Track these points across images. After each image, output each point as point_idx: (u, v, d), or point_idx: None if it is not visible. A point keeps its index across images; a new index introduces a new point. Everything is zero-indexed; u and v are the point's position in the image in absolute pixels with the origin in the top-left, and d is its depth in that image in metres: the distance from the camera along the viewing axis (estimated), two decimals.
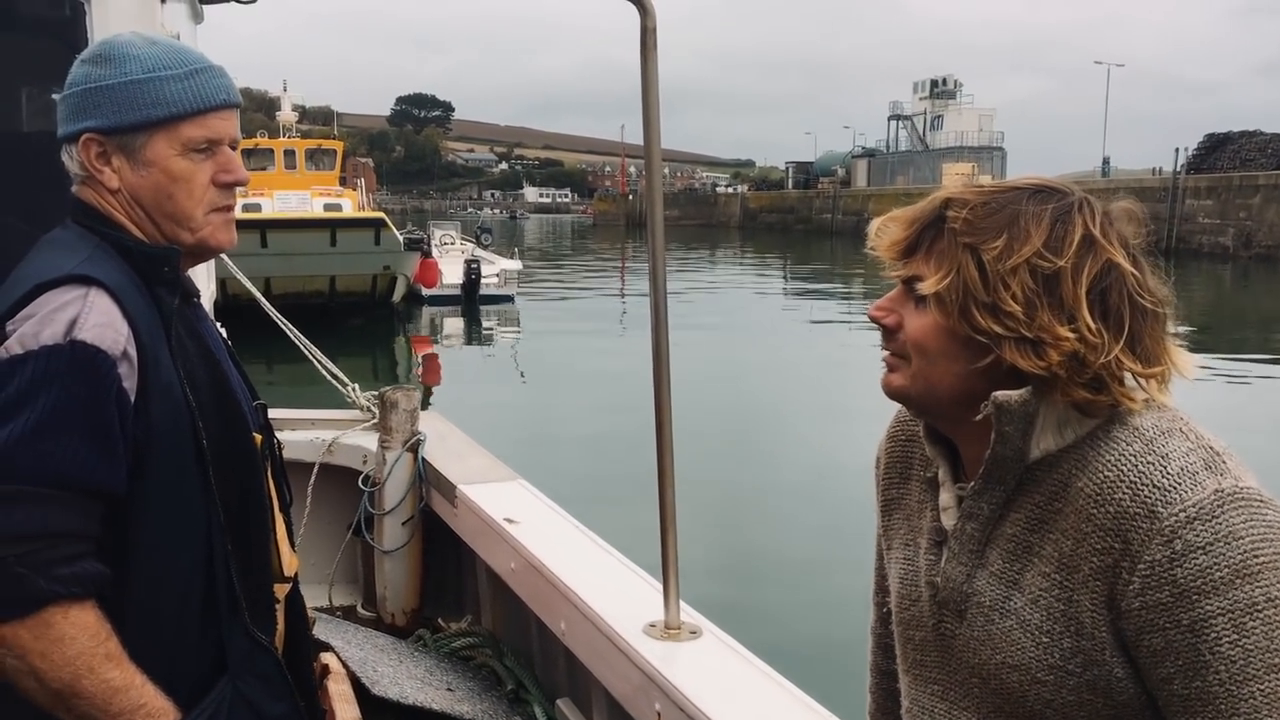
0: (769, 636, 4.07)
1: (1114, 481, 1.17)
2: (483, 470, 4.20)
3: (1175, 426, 1.21)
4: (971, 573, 1.29)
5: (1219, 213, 46.90)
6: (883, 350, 1.32)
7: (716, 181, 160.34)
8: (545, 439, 12.92)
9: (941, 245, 1.25)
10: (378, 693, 3.36)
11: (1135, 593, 1.15)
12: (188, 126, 1.58)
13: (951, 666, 1.33)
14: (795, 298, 34.91)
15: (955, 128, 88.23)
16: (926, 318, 1.26)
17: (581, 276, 41.72)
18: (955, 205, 1.25)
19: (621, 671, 2.70)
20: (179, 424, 1.52)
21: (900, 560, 1.43)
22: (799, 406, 15.42)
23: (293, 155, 30.84)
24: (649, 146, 2.71)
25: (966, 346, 1.23)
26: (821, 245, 67.55)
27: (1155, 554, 1.13)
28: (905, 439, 1.48)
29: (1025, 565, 1.24)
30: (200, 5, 3.63)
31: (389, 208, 59.46)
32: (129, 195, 1.60)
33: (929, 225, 1.27)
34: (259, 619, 1.62)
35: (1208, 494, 1.14)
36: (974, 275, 1.20)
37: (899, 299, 1.30)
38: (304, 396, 6.40)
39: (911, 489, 1.45)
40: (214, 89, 1.61)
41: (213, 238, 1.64)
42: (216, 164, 1.62)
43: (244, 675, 1.59)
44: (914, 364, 1.27)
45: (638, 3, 2.62)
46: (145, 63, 1.57)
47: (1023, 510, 1.26)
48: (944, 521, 1.34)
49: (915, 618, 1.38)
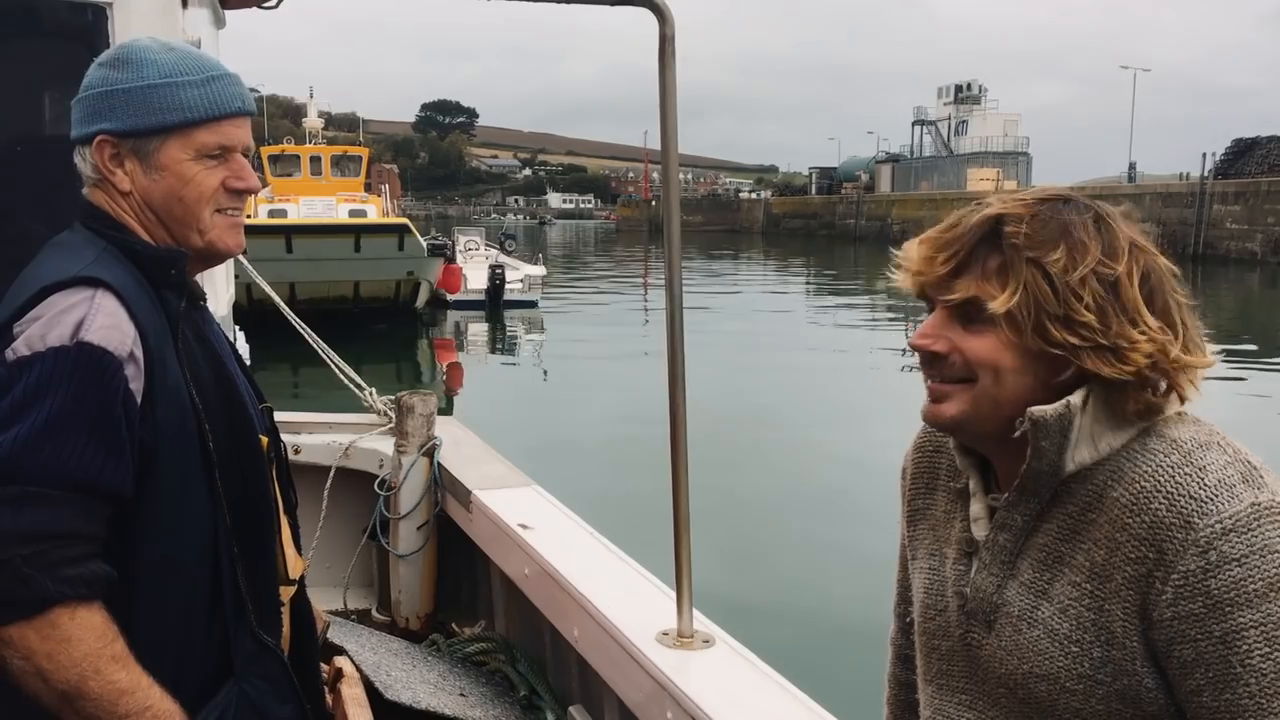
0: (782, 646, 4.04)
1: (1150, 492, 1.17)
2: (498, 476, 4.21)
3: (1213, 440, 1.21)
4: (1002, 583, 1.29)
5: (1247, 218, 46.38)
6: (927, 380, 1.29)
7: (740, 187, 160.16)
8: (562, 445, 12.93)
9: (996, 262, 1.22)
10: (391, 697, 3.36)
11: (1168, 603, 1.15)
12: (202, 132, 1.59)
13: (978, 677, 1.32)
14: (817, 305, 34.82)
15: (980, 133, 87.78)
16: (988, 338, 1.23)
17: (605, 282, 41.79)
18: (1011, 220, 1.23)
19: (634, 679, 2.69)
20: (185, 426, 1.53)
21: (926, 570, 1.43)
22: (817, 415, 15.36)
23: (318, 161, 31.09)
24: (666, 152, 2.72)
25: (1036, 361, 1.23)
26: (845, 251, 67.33)
27: (1189, 564, 1.13)
28: (933, 450, 1.47)
29: (1055, 575, 1.24)
30: (222, 10, 3.66)
31: (413, 214, 59.80)
32: (140, 198, 1.61)
33: (979, 242, 1.24)
34: (265, 621, 1.63)
35: (1244, 507, 1.14)
36: (1045, 289, 1.20)
37: (944, 323, 1.26)
38: (325, 400, 6.45)
39: (938, 500, 1.45)
40: (229, 96, 1.62)
41: (221, 241, 1.65)
42: (229, 170, 1.63)
43: (250, 677, 1.60)
44: (979, 385, 1.25)
45: (656, 10, 2.63)
46: (162, 68, 1.59)
47: (1055, 521, 1.26)
48: (975, 532, 1.34)
49: (941, 628, 1.37)
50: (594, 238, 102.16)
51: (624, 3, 2.65)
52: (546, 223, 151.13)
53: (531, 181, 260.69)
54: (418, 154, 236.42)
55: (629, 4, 2.65)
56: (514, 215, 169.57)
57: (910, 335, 1.31)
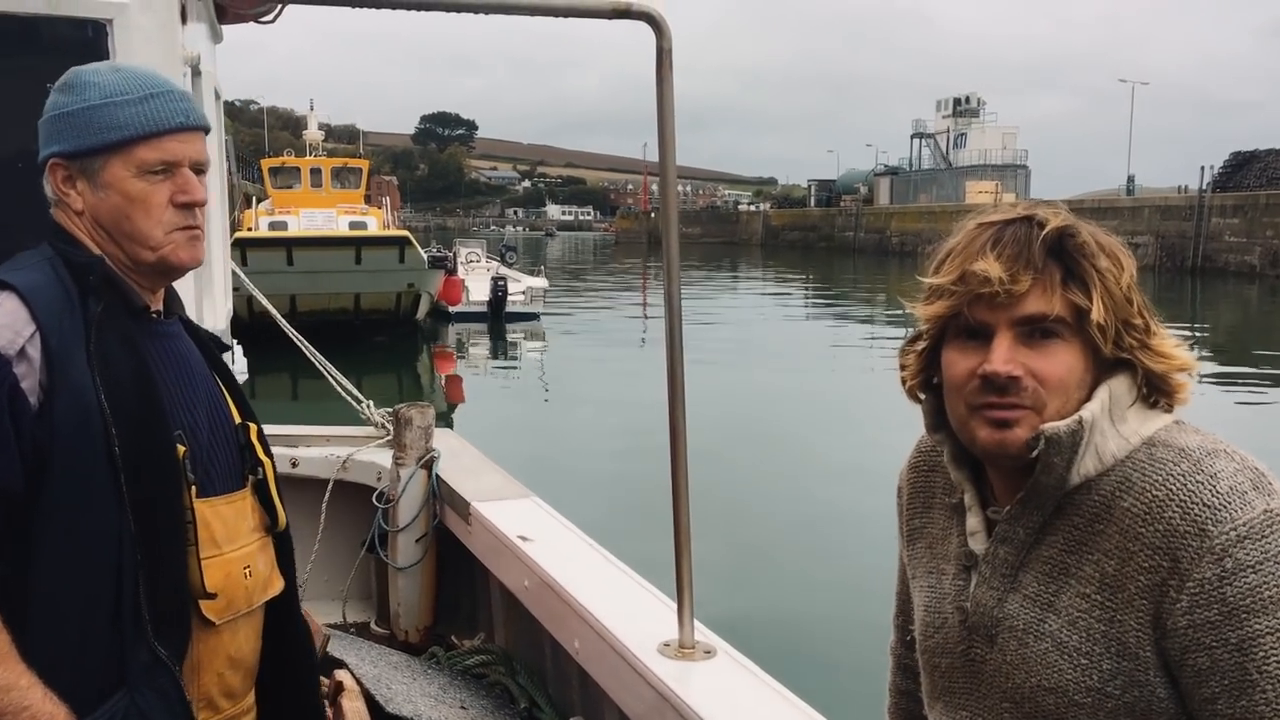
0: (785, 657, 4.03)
1: (1163, 500, 1.17)
2: (497, 487, 4.20)
3: (1220, 447, 1.22)
4: (1003, 597, 1.29)
5: (1245, 231, 46.43)
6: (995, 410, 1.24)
7: (739, 199, 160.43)
8: (563, 457, 12.93)
9: (1058, 275, 1.22)
10: (391, 710, 3.35)
11: (1183, 611, 1.14)
12: (142, 149, 1.62)
13: (980, 692, 1.32)
14: (817, 316, 34.83)
15: (979, 146, 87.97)
16: (1059, 355, 1.23)
17: (605, 295, 41.81)
18: (1073, 231, 1.24)
19: (635, 691, 2.69)
20: (88, 428, 1.52)
21: (925, 588, 1.42)
22: (817, 426, 15.35)
23: (319, 174, 31.13)
24: (664, 164, 2.72)
25: (1090, 371, 1.24)
26: (844, 263, 67.41)
27: (1205, 572, 1.13)
28: (928, 469, 1.47)
29: (1061, 587, 1.24)
30: (220, 25, 3.68)
31: (412, 225, 59.86)
32: (92, 216, 1.65)
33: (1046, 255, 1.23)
34: (164, 634, 1.59)
35: (1258, 513, 1.14)
36: (1116, 295, 1.23)
37: (1014, 345, 1.23)
38: (324, 413, 6.45)
39: (935, 517, 1.44)
40: (169, 112, 1.64)
41: (174, 255, 1.67)
42: (174, 185, 1.65)
43: (142, 689, 1.56)
44: (1052, 408, 1.23)
45: (653, 23, 2.64)
46: (103, 89, 1.63)
47: (1060, 533, 1.25)
48: (972, 546, 1.33)
49: (941, 644, 1.37)
50: (593, 250, 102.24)
51: (622, 16, 2.66)
52: (551, 235, 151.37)
53: (531, 193, 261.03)
54: (417, 166, 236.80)
55: (627, 18, 2.67)
56: (513, 227, 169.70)
57: (991, 363, 1.23)
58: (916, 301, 1.31)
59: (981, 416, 1.25)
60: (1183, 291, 41.01)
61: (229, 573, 1.69)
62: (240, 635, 1.73)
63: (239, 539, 1.73)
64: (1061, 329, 1.23)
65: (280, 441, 4.86)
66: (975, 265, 1.23)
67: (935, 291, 1.27)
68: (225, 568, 1.69)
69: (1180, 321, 29.51)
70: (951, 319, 1.27)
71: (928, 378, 1.35)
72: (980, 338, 1.25)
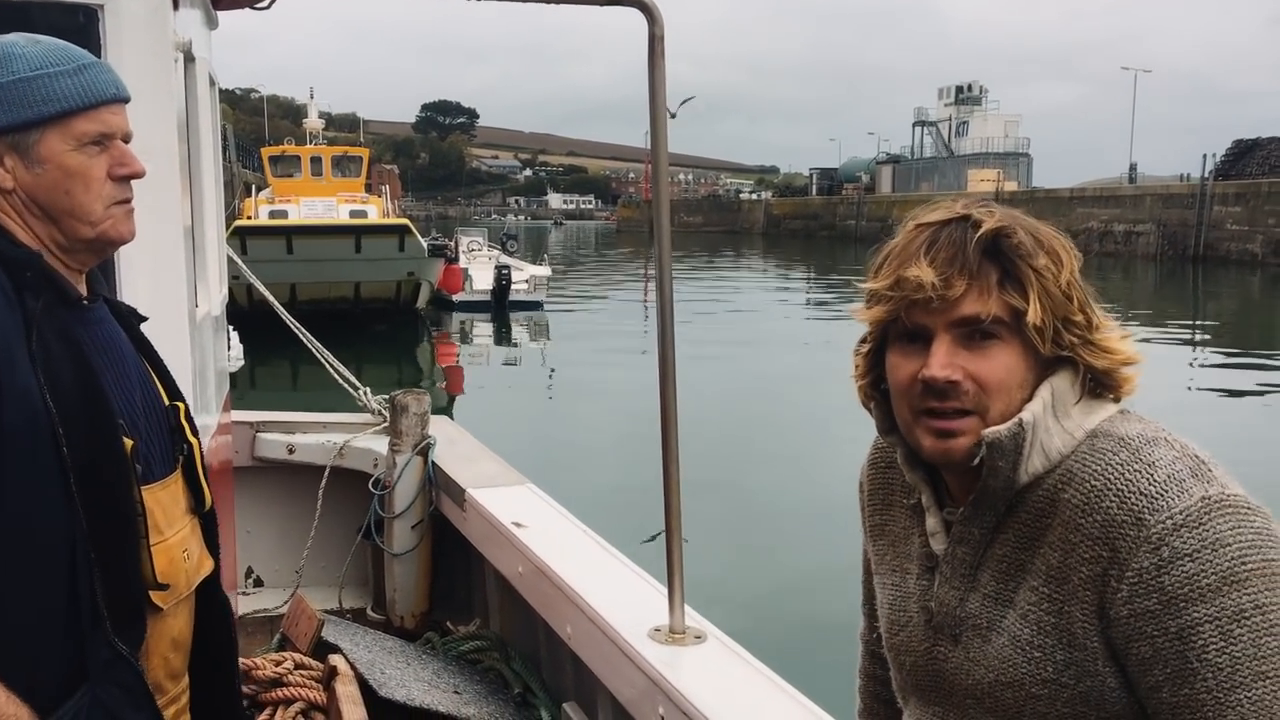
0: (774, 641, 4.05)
1: (1101, 490, 1.17)
2: (492, 474, 4.21)
3: (1160, 435, 1.22)
4: (964, 596, 1.29)
5: (1247, 219, 46.32)
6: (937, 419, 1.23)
7: (740, 188, 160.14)
8: (559, 444, 12.94)
9: (995, 275, 1.21)
10: (385, 695, 3.37)
11: (1124, 600, 1.14)
12: (80, 121, 1.57)
13: (944, 690, 1.32)
14: (815, 305, 34.79)
15: (981, 134, 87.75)
16: (998, 357, 1.22)
17: (606, 283, 41.79)
18: (1009, 231, 1.22)
19: (626, 676, 2.70)
20: (36, 429, 1.47)
21: (889, 586, 1.43)
22: (808, 412, 15.34)
23: (319, 162, 31.08)
24: (656, 150, 2.73)
25: (1032, 370, 1.24)
26: (845, 252, 67.27)
27: (1143, 561, 1.13)
28: (885, 465, 1.47)
29: (1018, 584, 1.24)
30: (214, 11, 3.67)
31: (413, 214, 59.75)
32: (25, 195, 1.58)
33: (981, 256, 1.21)
34: (122, 629, 1.56)
35: (1195, 501, 1.14)
36: (1054, 293, 1.21)
37: (953, 349, 1.22)
38: (322, 400, 6.46)
39: (895, 515, 1.44)
40: (103, 84, 1.60)
41: (114, 230, 1.62)
42: (111, 158, 1.60)
43: (104, 684, 1.54)
44: (994, 411, 1.22)
45: (645, 10, 2.63)
46: (31, 61, 1.56)
47: (1012, 530, 1.26)
48: (934, 546, 1.33)
49: (906, 643, 1.37)
50: (595, 238, 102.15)
51: (614, 2, 2.66)
52: (560, 223, 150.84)
53: (532, 182, 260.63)
54: (418, 154, 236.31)
55: (620, 4, 2.66)
56: (514, 216, 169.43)
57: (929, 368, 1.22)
58: (857, 308, 1.30)
59: (925, 425, 1.25)
60: (1184, 280, 40.96)
61: (172, 558, 1.67)
62: (181, 618, 1.72)
63: (175, 523, 1.70)
64: (1000, 330, 1.21)
65: (277, 428, 4.88)
66: (909, 271, 1.21)
67: (873, 296, 1.26)
68: (168, 553, 1.66)
69: (1182, 309, 29.50)
70: (891, 323, 1.26)
71: (874, 380, 1.34)
72: (920, 340, 1.24)
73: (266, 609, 4.64)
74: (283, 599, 4.57)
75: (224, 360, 4.05)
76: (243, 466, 4.65)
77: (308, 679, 3.54)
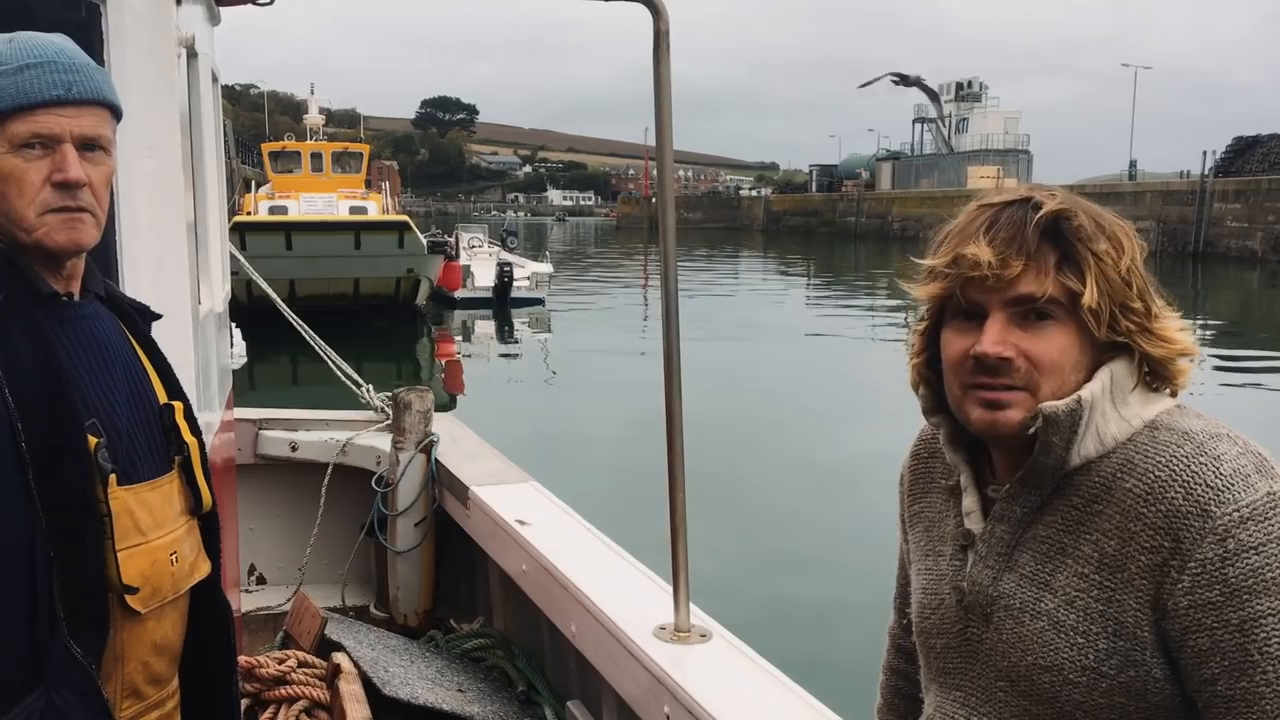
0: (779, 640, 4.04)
1: (1166, 481, 1.18)
2: (495, 472, 4.21)
3: (1223, 431, 1.23)
4: (998, 575, 1.29)
5: (1247, 216, 46.31)
6: (987, 391, 1.25)
7: (740, 184, 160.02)
8: (563, 442, 12.93)
9: (1054, 258, 1.23)
10: (389, 693, 3.37)
11: (1184, 591, 1.15)
12: (14, 123, 1.51)
13: (975, 672, 1.32)
14: (817, 303, 34.79)
15: (980, 130, 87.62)
16: (1053, 338, 1.24)
17: (608, 279, 41.77)
18: (1069, 214, 1.24)
19: (631, 674, 2.70)
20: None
21: (923, 571, 1.43)
22: (814, 411, 15.36)
23: (319, 158, 31.03)
24: (661, 147, 2.72)
25: (1086, 354, 1.25)
26: (845, 248, 67.32)
27: (1207, 552, 1.14)
28: (928, 455, 1.49)
29: (1058, 566, 1.24)
30: (217, 7, 3.65)
31: (413, 210, 59.79)
32: None
33: (1042, 239, 1.23)
34: (79, 631, 1.52)
35: (1260, 495, 1.15)
36: (1113, 278, 1.22)
37: (1006, 328, 1.24)
38: (323, 397, 6.45)
39: (932, 500, 1.46)
40: (45, 84, 1.52)
41: (49, 238, 1.55)
42: (53, 163, 1.53)
43: (59, 688, 1.51)
44: (1045, 388, 1.24)
45: (651, 6, 2.62)
46: None
47: (1058, 513, 1.26)
48: (968, 525, 1.34)
49: (938, 625, 1.38)
50: (594, 235, 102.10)
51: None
52: (562, 219, 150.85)
53: (532, 178, 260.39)
54: (418, 151, 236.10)
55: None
56: (514, 212, 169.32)
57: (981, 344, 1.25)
58: (915, 283, 1.32)
59: (975, 397, 1.27)
60: (1184, 276, 40.90)
61: (154, 560, 1.63)
62: (166, 622, 1.68)
63: (165, 525, 1.66)
64: (1056, 310, 1.23)
65: (280, 425, 4.87)
66: (967, 249, 1.24)
67: (930, 273, 1.29)
68: (150, 555, 1.62)
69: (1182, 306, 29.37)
70: (948, 300, 1.29)
71: (930, 358, 1.36)
72: (975, 318, 1.27)
73: (270, 607, 4.63)
74: (286, 597, 4.57)
75: (226, 357, 4.04)
76: (246, 464, 4.64)
77: (311, 677, 3.54)
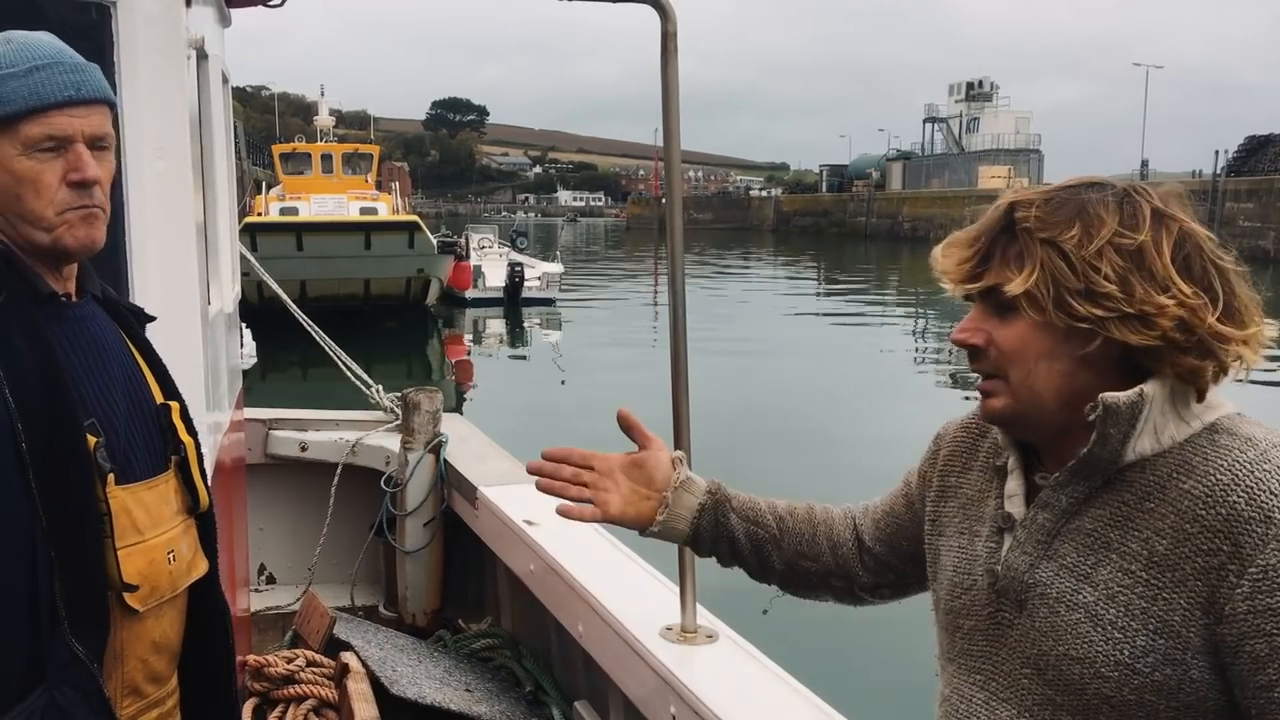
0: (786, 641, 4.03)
1: (1228, 485, 1.18)
2: (503, 472, 4.21)
3: None
4: (1035, 562, 1.29)
5: (1259, 215, 46.13)
6: (975, 375, 1.33)
7: (750, 185, 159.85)
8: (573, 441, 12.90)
9: (1016, 248, 1.26)
10: (396, 692, 3.38)
11: (1243, 596, 1.14)
12: (27, 125, 1.52)
13: (999, 657, 1.32)
14: (827, 301, 34.74)
15: (991, 130, 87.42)
16: (1018, 324, 1.26)
17: (618, 280, 41.79)
18: (1022, 206, 1.27)
19: (638, 674, 2.70)
20: None
21: (955, 549, 1.43)
22: (824, 410, 15.34)
23: (330, 159, 31.16)
24: (669, 148, 2.72)
25: (1067, 340, 1.24)
26: (855, 248, 67.19)
27: (1270, 558, 1.13)
28: (979, 432, 1.49)
29: (1101, 560, 1.24)
30: (227, 8, 3.67)
31: (424, 211, 59.81)
32: None
33: (999, 232, 1.28)
34: (81, 630, 1.53)
35: None
36: (1060, 265, 1.23)
37: (980, 317, 1.31)
38: (333, 398, 6.47)
39: (973, 479, 1.45)
40: (57, 85, 1.53)
41: (69, 237, 1.57)
42: (67, 163, 1.54)
43: (61, 686, 1.51)
44: (1014, 377, 1.28)
45: (659, 7, 2.62)
46: None
47: (1106, 507, 1.26)
48: (1009, 508, 1.34)
49: (968, 606, 1.37)
50: (604, 235, 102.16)
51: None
52: (574, 220, 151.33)
53: (542, 179, 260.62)
54: (428, 152, 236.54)
55: (633, 0, 2.65)
56: (524, 213, 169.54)
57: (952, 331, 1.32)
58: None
59: (977, 387, 1.35)
60: None
61: (152, 559, 1.64)
62: (165, 620, 1.69)
63: (162, 524, 1.67)
64: (1020, 300, 1.25)
65: (290, 425, 4.89)
66: (936, 253, 1.34)
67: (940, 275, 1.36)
68: (148, 554, 1.63)
69: None
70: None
71: None
72: None
73: (279, 606, 4.65)
74: (295, 596, 4.58)
75: (237, 358, 4.05)
76: (256, 464, 4.66)
77: (319, 676, 3.55)
